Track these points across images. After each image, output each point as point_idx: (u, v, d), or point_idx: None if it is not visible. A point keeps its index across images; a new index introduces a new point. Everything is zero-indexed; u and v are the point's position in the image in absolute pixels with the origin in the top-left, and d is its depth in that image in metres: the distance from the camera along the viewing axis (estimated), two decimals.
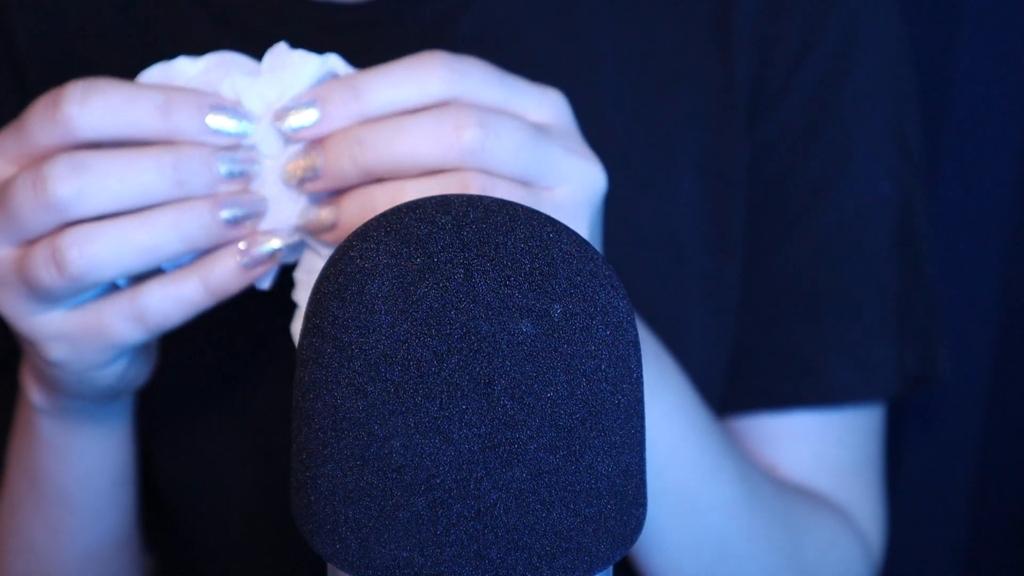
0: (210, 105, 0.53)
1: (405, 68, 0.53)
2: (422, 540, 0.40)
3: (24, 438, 0.66)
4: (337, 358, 0.41)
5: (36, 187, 0.51)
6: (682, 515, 0.66)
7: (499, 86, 0.54)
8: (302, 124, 0.53)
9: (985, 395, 0.94)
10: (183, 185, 0.53)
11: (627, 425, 0.42)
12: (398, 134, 0.52)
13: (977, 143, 0.90)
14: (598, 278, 0.42)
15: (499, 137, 0.52)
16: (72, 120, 0.52)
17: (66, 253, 0.52)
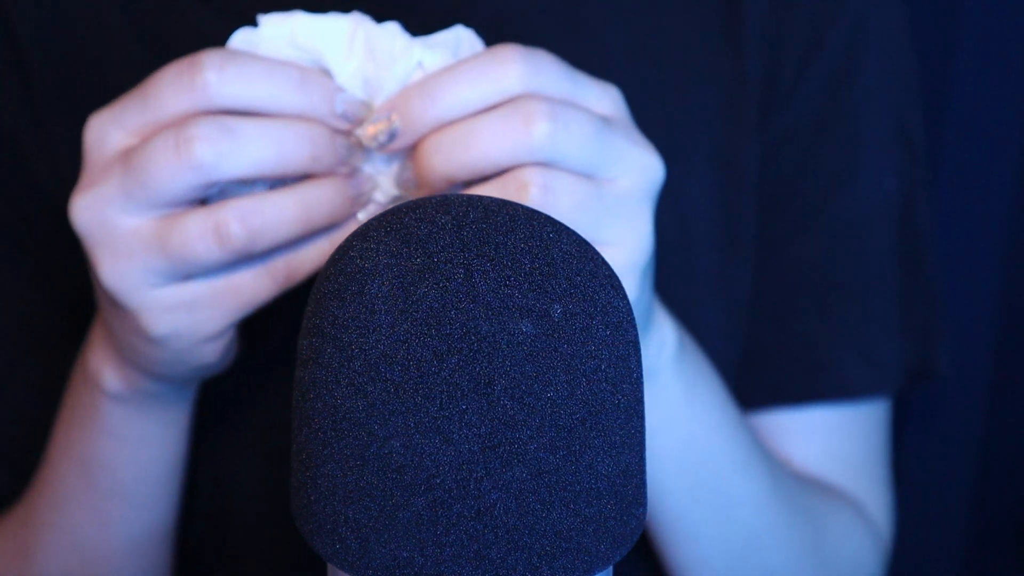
0: (337, 89, 0.54)
1: (481, 66, 0.53)
2: (422, 540, 0.40)
3: (83, 428, 0.65)
4: (337, 358, 0.41)
5: (179, 148, 0.52)
6: (715, 509, 0.67)
7: (568, 79, 0.54)
8: (386, 136, 0.54)
9: (985, 394, 0.94)
10: (316, 160, 0.54)
11: (627, 425, 0.42)
12: (470, 138, 0.52)
13: (977, 143, 0.90)
14: (598, 278, 0.42)
15: (568, 130, 0.52)
16: (210, 86, 0.52)
17: (230, 227, 0.52)
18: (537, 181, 0.52)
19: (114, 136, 0.54)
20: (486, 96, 0.53)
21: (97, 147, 0.54)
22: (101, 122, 0.54)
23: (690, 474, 0.65)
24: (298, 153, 0.53)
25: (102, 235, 0.54)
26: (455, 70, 0.53)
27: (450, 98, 0.53)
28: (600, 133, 0.53)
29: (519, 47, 0.53)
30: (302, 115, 0.54)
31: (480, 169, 0.53)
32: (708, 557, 0.68)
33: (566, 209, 0.53)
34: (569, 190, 0.53)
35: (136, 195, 0.53)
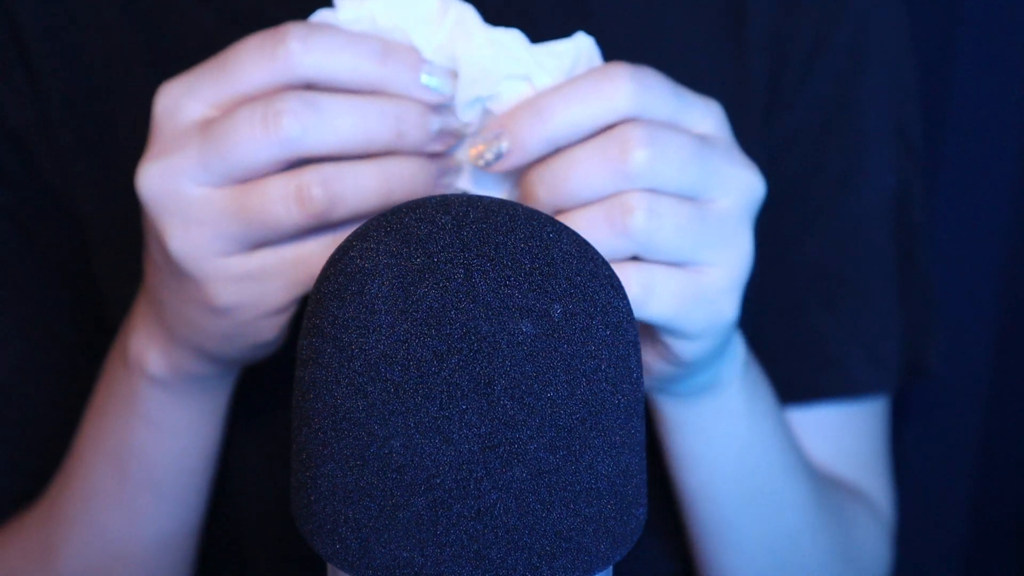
0: (422, 62, 0.54)
1: (591, 85, 0.53)
2: (422, 540, 0.40)
3: (118, 417, 0.65)
4: (337, 358, 0.41)
5: (267, 121, 0.52)
6: (764, 514, 0.68)
7: (674, 98, 0.54)
8: (494, 156, 0.54)
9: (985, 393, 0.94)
10: (402, 137, 0.53)
11: (627, 425, 0.42)
12: (571, 169, 0.53)
13: (977, 143, 0.90)
14: (598, 278, 0.42)
15: (666, 155, 0.52)
16: (294, 57, 0.52)
17: (312, 190, 0.52)
18: (641, 206, 0.52)
19: (189, 106, 0.54)
20: (596, 118, 0.53)
21: (169, 116, 0.54)
22: (174, 92, 0.54)
23: (744, 481, 0.66)
24: (383, 129, 0.53)
25: (173, 203, 0.54)
26: (566, 91, 0.53)
27: (560, 120, 0.53)
28: (699, 155, 0.53)
29: (628, 66, 0.53)
30: (385, 88, 0.53)
31: (584, 198, 0.53)
32: (752, 561, 0.68)
33: (671, 232, 0.53)
34: (673, 213, 0.53)
35: (215, 165, 0.53)
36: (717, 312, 0.55)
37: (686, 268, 0.54)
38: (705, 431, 0.64)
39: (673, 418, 0.64)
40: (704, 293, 0.55)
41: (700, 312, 0.55)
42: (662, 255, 0.53)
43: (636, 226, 0.52)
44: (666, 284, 0.54)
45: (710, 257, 0.54)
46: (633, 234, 0.52)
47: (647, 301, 0.54)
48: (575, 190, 0.53)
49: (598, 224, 0.53)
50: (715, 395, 0.63)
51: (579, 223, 0.53)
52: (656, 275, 0.54)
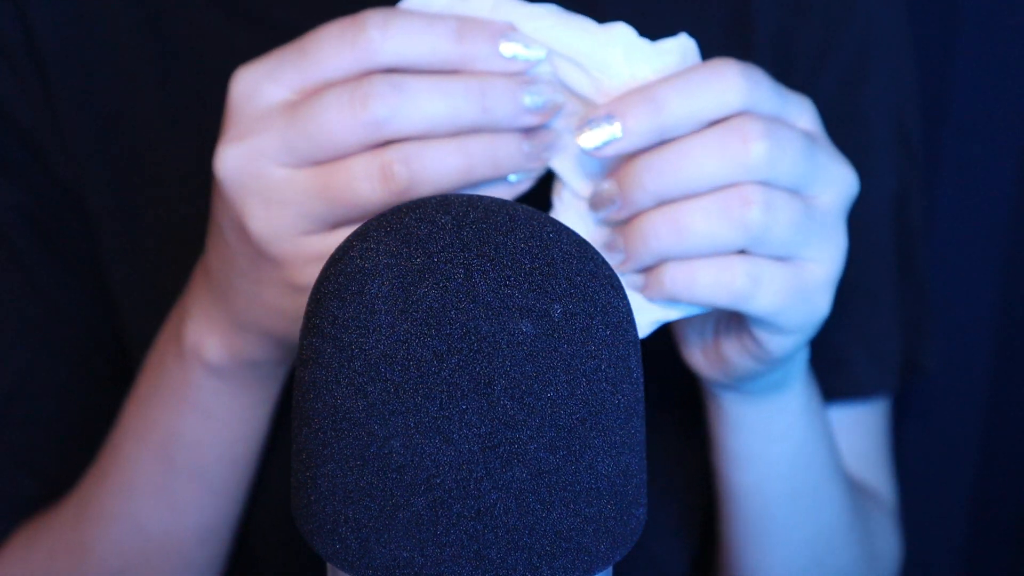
0: (500, 32, 0.54)
1: (703, 78, 0.53)
2: (422, 540, 0.40)
3: (167, 407, 0.65)
4: (337, 358, 0.41)
5: (355, 105, 0.52)
6: (807, 513, 0.68)
7: (777, 94, 0.54)
8: (604, 141, 0.53)
9: (985, 394, 0.94)
10: (489, 112, 0.54)
11: (627, 425, 0.42)
12: (686, 156, 0.52)
13: (977, 143, 0.90)
14: (598, 278, 0.42)
15: (783, 149, 0.52)
16: (374, 43, 0.53)
17: (394, 167, 0.53)
18: (759, 199, 0.52)
19: (269, 90, 0.54)
20: (709, 110, 0.53)
21: (247, 100, 0.55)
22: (253, 76, 0.55)
23: (795, 478, 0.67)
24: (468, 107, 0.53)
25: (255, 184, 0.54)
26: (679, 82, 0.53)
27: (675, 109, 0.53)
28: (808, 150, 0.54)
29: (737, 62, 0.53)
30: (465, 66, 0.54)
31: (694, 187, 0.53)
32: (792, 559, 0.69)
33: (784, 227, 0.53)
34: (786, 208, 0.53)
35: (300, 147, 0.53)
36: (814, 308, 0.55)
37: (790, 263, 0.54)
38: (766, 429, 0.64)
39: (736, 416, 0.64)
40: (805, 288, 0.55)
41: (800, 307, 0.55)
42: (771, 249, 0.53)
43: (753, 219, 0.52)
44: (773, 278, 0.54)
45: (812, 253, 0.54)
46: (750, 227, 0.52)
47: (755, 295, 0.54)
48: (689, 179, 0.52)
49: (712, 215, 0.52)
50: (782, 393, 0.63)
51: (691, 213, 0.52)
52: (765, 269, 0.54)
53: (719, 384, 0.62)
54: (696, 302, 0.54)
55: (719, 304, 0.54)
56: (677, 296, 0.54)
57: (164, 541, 0.67)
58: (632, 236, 0.54)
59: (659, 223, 0.53)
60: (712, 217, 0.52)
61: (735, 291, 0.53)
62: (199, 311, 0.61)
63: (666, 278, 0.54)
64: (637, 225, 0.54)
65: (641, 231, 0.54)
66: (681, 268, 0.54)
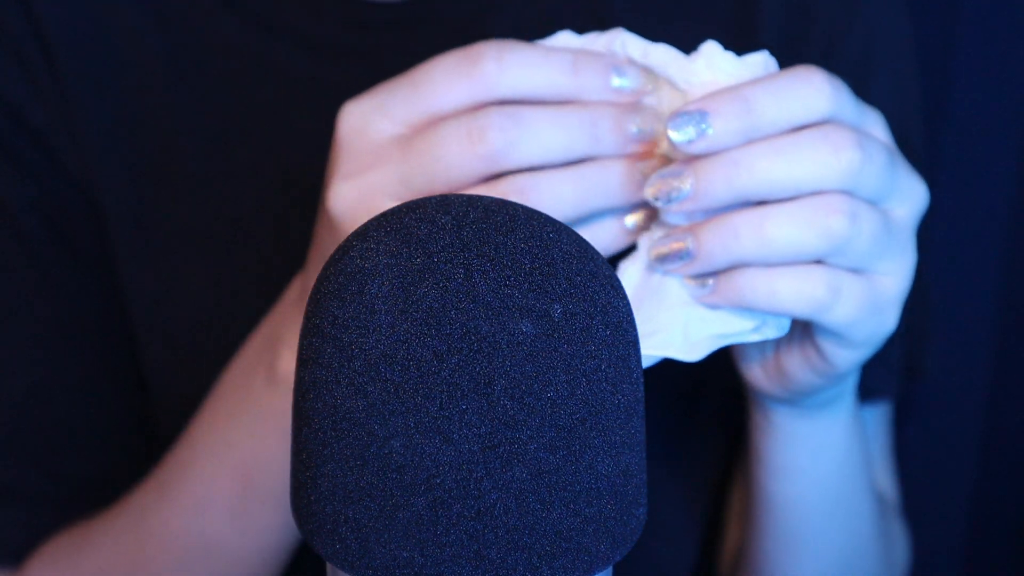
0: (611, 66, 0.54)
1: (793, 81, 0.52)
2: (422, 540, 0.40)
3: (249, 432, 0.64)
4: (337, 358, 0.41)
5: (472, 137, 0.52)
6: (846, 523, 0.68)
7: (857, 105, 0.54)
8: (694, 136, 0.52)
9: (984, 395, 0.94)
10: (599, 142, 0.53)
11: (627, 425, 0.42)
12: (777, 156, 0.51)
13: (977, 143, 0.90)
14: (598, 278, 0.42)
15: (872, 160, 0.52)
16: (490, 77, 0.53)
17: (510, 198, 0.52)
18: (846, 209, 0.51)
19: (380, 124, 0.54)
20: (797, 114, 0.52)
21: (359, 135, 0.54)
22: (361, 110, 0.54)
23: (835, 491, 0.66)
24: (581, 137, 0.53)
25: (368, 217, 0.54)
26: (767, 84, 0.52)
27: (766, 109, 0.52)
28: (891, 163, 0.53)
29: (821, 70, 0.53)
30: (578, 97, 0.54)
31: (779, 189, 0.52)
32: (823, 570, 0.69)
33: (866, 238, 0.52)
34: (870, 219, 0.52)
35: (417, 181, 0.53)
36: (883, 322, 0.55)
37: (864, 275, 0.54)
38: (814, 443, 0.64)
39: (788, 429, 0.63)
40: (877, 302, 0.54)
41: (871, 321, 0.54)
42: (849, 261, 0.53)
43: (838, 229, 0.51)
44: (851, 290, 0.53)
45: (886, 266, 0.54)
46: (834, 237, 0.51)
47: (833, 306, 0.53)
48: (776, 181, 0.51)
49: (798, 221, 0.52)
50: (834, 409, 0.63)
51: (778, 217, 0.52)
52: (844, 280, 0.53)
53: (775, 399, 0.62)
54: (775, 310, 0.53)
55: (798, 314, 0.53)
56: (756, 304, 0.53)
57: (230, 561, 0.67)
58: (709, 236, 0.53)
59: (742, 225, 0.52)
60: (798, 224, 0.52)
61: (815, 301, 0.52)
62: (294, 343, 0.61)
63: (744, 285, 0.53)
64: (716, 225, 0.53)
65: (720, 231, 0.52)
66: (761, 275, 0.53)
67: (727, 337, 0.55)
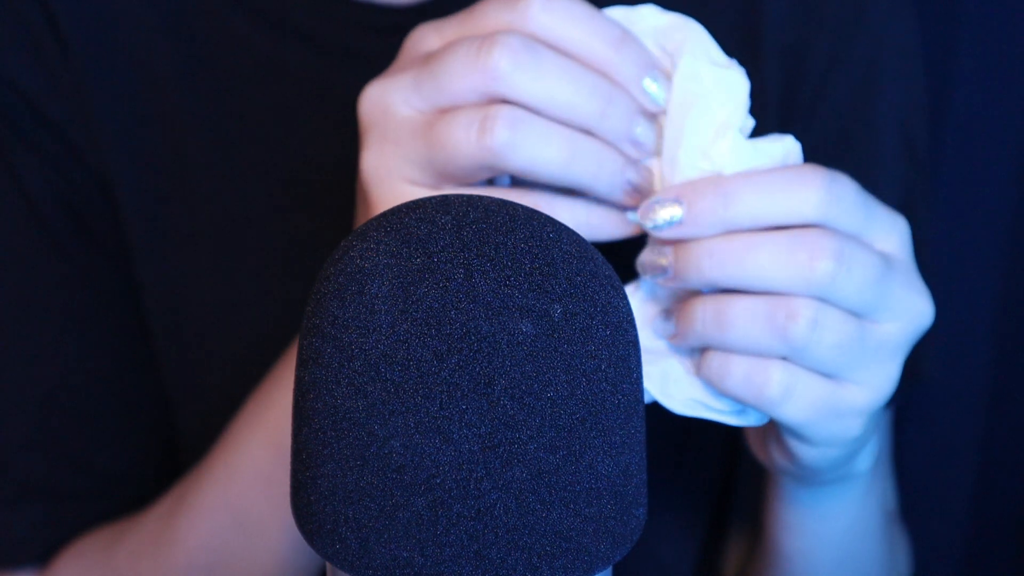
0: (653, 67, 0.54)
1: (782, 182, 0.52)
2: (422, 540, 0.40)
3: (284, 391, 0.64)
4: (337, 358, 0.41)
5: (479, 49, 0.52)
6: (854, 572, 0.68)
7: (863, 211, 0.53)
8: (667, 221, 0.53)
9: (985, 395, 0.94)
10: (604, 118, 0.53)
11: (627, 425, 0.42)
12: (749, 253, 0.52)
13: (977, 143, 0.90)
14: (598, 278, 0.42)
15: (850, 273, 0.51)
16: (531, 11, 0.53)
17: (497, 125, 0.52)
18: (807, 315, 0.51)
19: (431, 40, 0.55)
20: (779, 215, 0.52)
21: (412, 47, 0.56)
22: (424, 29, 0.56)
23: (844, 547, 0.66)
24: (591, 102, 0.53)
25: (381, 118, 0.55)
26: (755, 181, 0.52)
27: (744, 206, 0.52)
28: (880, 278, 0.52)
29: (824, 171, 0.52)
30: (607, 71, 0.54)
31: (748, 285, 0.52)
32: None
33: (827, 347, 0.52)
34: (836, 330, 0.52)
35: (424, 88, 0.54)
36: (845, 428, 0.54)
37: (830, 379, 0.53)
38: (823, 510, 0.64)
39: (792, 496, 0.64)
40: (839, 408, 0.54)
41: (830, 425, 0.54)
42: (811, 364, 0.52)
43: (796, 334, 0.51)
44: (806, 392, 0.53)
45: (856, 376, 0.53)
46: (791, 340, 0.51)
47: (783, 403, 0.53)
48: (745, 276, 0.52)
49: (757, 319, 0.52)
50: (842, 485, 0.62)
51: (736, 309, 0.52)
52: (799, 380, 0.53)
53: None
54: (728, 394, 0.54)
55: (748, 402, 0.53)
56: (711, 382, 0.54)
57: (261, 536, 0.67)
58: (681, 315, 0.54)
59: (706, 311, 0.53)
60: (756, 320, 0.52)
61: (764, 395, 0.53)
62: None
63: (704, 362, 0.54)
64: (687, 306, 0.54)
65: (689, 312, 0.53)
66: (719, 358, 0.53)
67: (708, 409, 0.56)
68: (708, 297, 0.53)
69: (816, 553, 0.66)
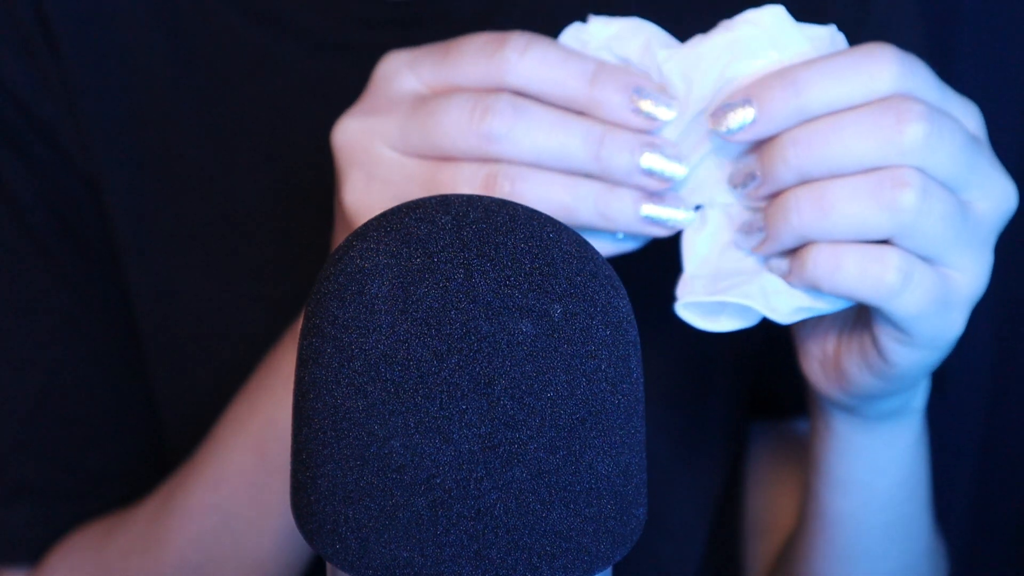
0: (635, 85, 0.53)
1: (852, 62, 0.50)
2: (422, 540, 0.40)
3: (270, 397, 0.65)
4: (337, 358, 0.41)
5: (475, 113, 0.52)
6: (903, 541, 0.67)
7: (938, 87, 0.51)
8: (740, 124, 0.51)
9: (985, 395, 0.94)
10: (602, 162, 0.53)
11: (627, 425, 0.42)
12: (834, 132, 0.50)
13: None
14: (598, 278, 0.42)
15: (942, 136, 0.49)
16: (508, 64, 0.53)
17: (499, 179, 0.52)
18: (916, 183, 0.49)
19: (406, 79, 0.55)
20: (855, 94, 0.50)
21: (385, 80, 0.55)
22: (398, 61, 0.55)
23: (895, 509, 0.65)
24: (583, 150, 0.52)
25: (364, 157, 0.55)
26: (822, 63, 0.50)
27: (816, 91, 0.50)
28: (969, 147, 0.51)
29: (894, 48, 0.51)
30: (591, 110, 0.53)
31: (842, 166, 0.50)
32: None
33: (937, 220, 0.50)
34: (942, 200, 0.50)
35: (412, 138, 0.53)
36: (950, 323, 0.52)
37: (936, 267, 0.51)
38: (876, 457, 0.62)
39: (847, 441, 0.62)
40: (947, 298, 0.52)
41: (938, 319, 0.52)
42: (919, 245, 0.50)
43: (907, 203, 0.49)
44: (922, 279, 0.50)
45: (959, 261, 0.51)
46: (902, 211, 0.49)
47: (902, 292, 0.50)
48: (836, 157, 0.49)
49: (862, 195, 0.49)
50: (898, 422, 0.61)
51: (839, 192, 0.49)
52: (915, 267, 0.50)
53: (835, 404, 0.60)
54: (838, 291, 0.51)
55: (862, 297, 0.51)
56: (819, 283, 0.51)
57: (247, 540, 0.67)
58: (772, 212, 0.51)
59: (802, 199, 0.50)
60: (861, 197, 0.49)
61: (883, 285, 0.50)
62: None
63: (808, 261, 0.51)
64: (778, 201, 0.51)
65: (782, 207, 0.51)
66: (826, 252, 0.51)
67: (813, 311, 0.53)
68: (801, 186, 0.50)
69: (865, 513, 0.64)
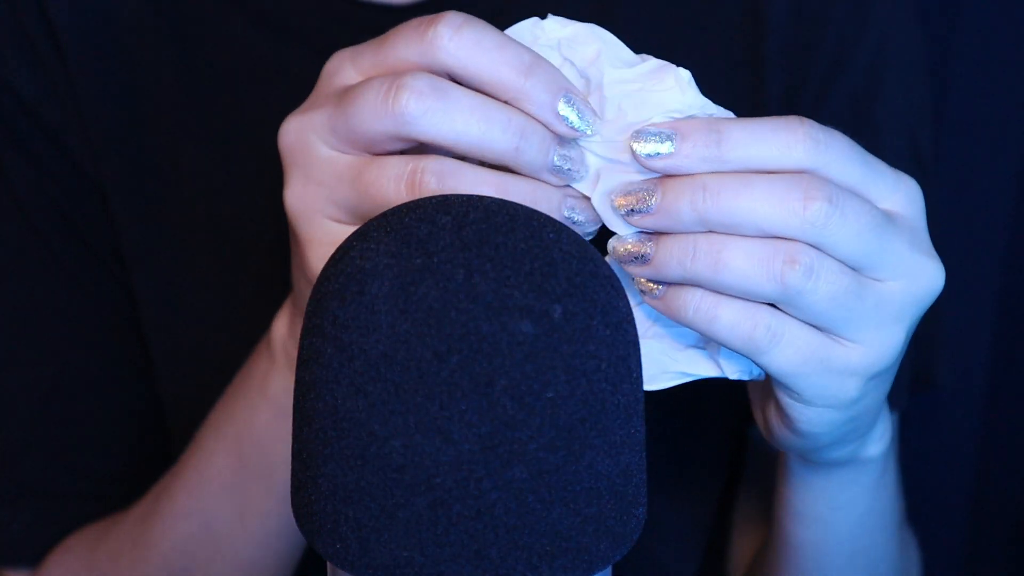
0: (566, 90, 0.52)
1: (771, 128, 0.51)
2: (422, 540, 0.40)
3: (247, 399, 0.64)
4: (337, 358, 0.41)
5: (388, 93, 0.51)
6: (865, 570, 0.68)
7: (860, 166, 0.52)
8: (655, 152, 0.51)
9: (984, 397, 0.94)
10: (519, 153, 0.52)
11: (627, 425, 0.42)
12: (745, 189, 0.50)
13: (977, 143, 0.90)
14: (598, 278, 0.42)
15: (844, 217, 0.50)
16: (439, 41, 0.52)
17: (424, 176, 0.51)
18: (804, 260, 0.50)
19: (347, 72, 0.54)
20: (769, 159, 0.51)
21: (328, 78, 0.55)
22: (340, 58, 0.55)
23: (855, 541, 0.65)
24: (502, 139, 0.52)
25: (301, 157, 0.54)
26: (745, 123, 0.51)
27: (736, 145, 0.51)
28: (878, 229, 0.51)
29: (812, 122, 0.52)
30: (519, 103, 0.52)
31: (744, 224, 0.51)
32: None
33: (822, 298, 0.51)
34: (832, 280, 0.51)
35: (339, 129, 0.53)
36: (839, 387, 0.53)
37: (823, 333, 0.52)
38: (833, 496, 0.63)
39: (801, 478, 0.63)
40: (832, 364, 0.52)
41: (821, 380, 0.53)
42: (803, 315, 0.51)
43: (791, 281, 0.50)
44: (795, 340, 0.52)
45: (853, 334, 0.52)
46: (786, 286, 0.50)
47: (769, 348, 0.52)
48: (742, 214, 0.50)
49: (754, 260, 0.51)
50: (852, 468, 0.61)
51: (735, 250, 0.51)
52: (789, 329, 0.52)
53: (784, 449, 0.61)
54: (711, 335, 0.52)
55: (732, 346, 0.52)
56: (694, 323, 0.52)
57: (229, 544, 0.67)
58: (668, 248, 0.52)
59: (700, 247, 0.51)
60: (753, 262, 0.50)
61: (751, 339, 0.51)
62: (286, 303, 0.61)
63: (690, 302, 0.52)
64: (675, 240, 0.52)
65: (678, 247, 0.52)
66: (708, 298, 0.52)
67: (691, 376, 0.55)
68: (702, 235, 0.51)
69: (826, 544, 0.65)
